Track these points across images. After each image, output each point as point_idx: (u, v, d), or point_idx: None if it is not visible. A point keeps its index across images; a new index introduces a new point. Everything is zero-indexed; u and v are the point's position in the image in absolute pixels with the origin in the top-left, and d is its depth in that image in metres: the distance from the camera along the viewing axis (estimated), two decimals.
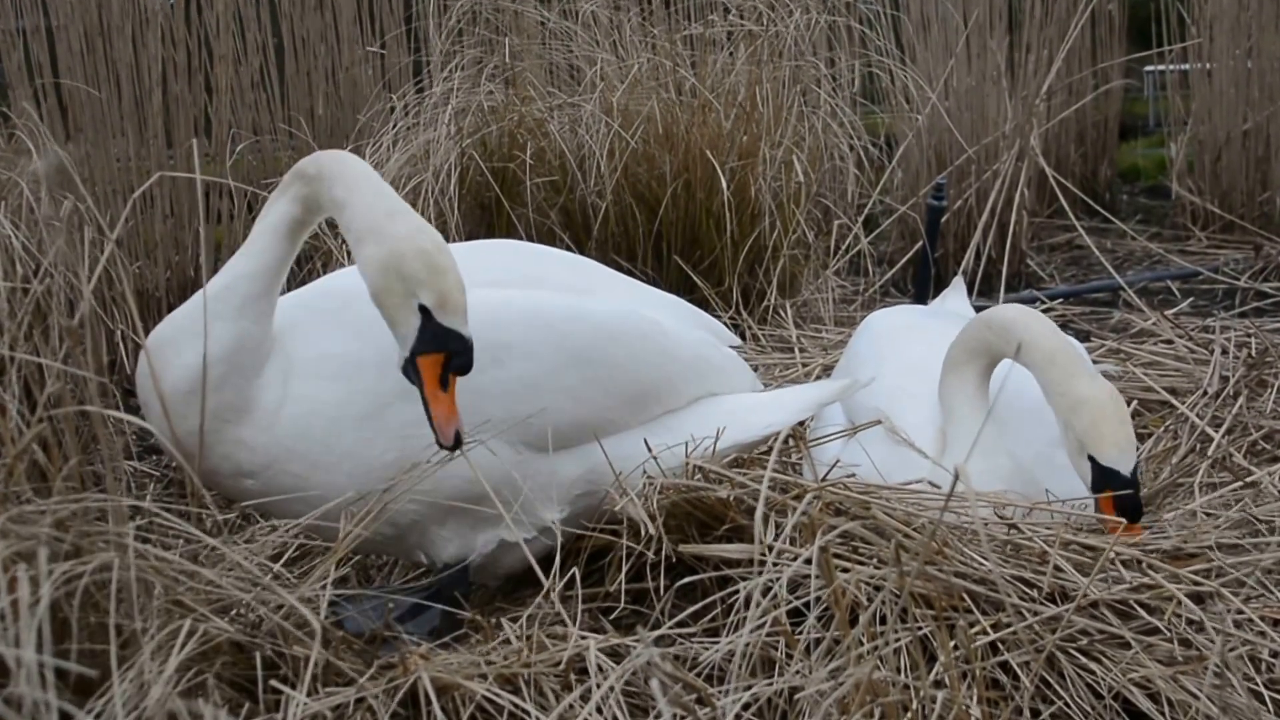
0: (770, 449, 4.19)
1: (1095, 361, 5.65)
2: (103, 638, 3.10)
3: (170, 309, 6.71)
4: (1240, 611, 3.71)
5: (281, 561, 4.18)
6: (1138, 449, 3.99)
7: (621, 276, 4.45)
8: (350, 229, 3.62)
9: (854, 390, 4.35)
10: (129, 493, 5.05)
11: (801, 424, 4.51)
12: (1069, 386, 4.08)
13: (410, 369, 3.58)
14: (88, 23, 7.02)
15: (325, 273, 5.26)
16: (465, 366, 3.58)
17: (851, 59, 7.67)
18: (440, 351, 3.56)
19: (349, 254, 6.23)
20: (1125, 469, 3.97)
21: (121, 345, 6.14)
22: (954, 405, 4.25)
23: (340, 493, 3.78)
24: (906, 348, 4.58)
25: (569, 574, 3.83)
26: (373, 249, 3.56)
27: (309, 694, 3.33)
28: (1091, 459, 4.00)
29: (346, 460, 3.80)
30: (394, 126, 6.80)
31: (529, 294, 4.01)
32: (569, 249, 6.48)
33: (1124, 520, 3.96)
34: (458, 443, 3.59)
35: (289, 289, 4.06)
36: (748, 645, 3.41)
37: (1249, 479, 4.56)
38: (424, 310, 3.54)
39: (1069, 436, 4.07)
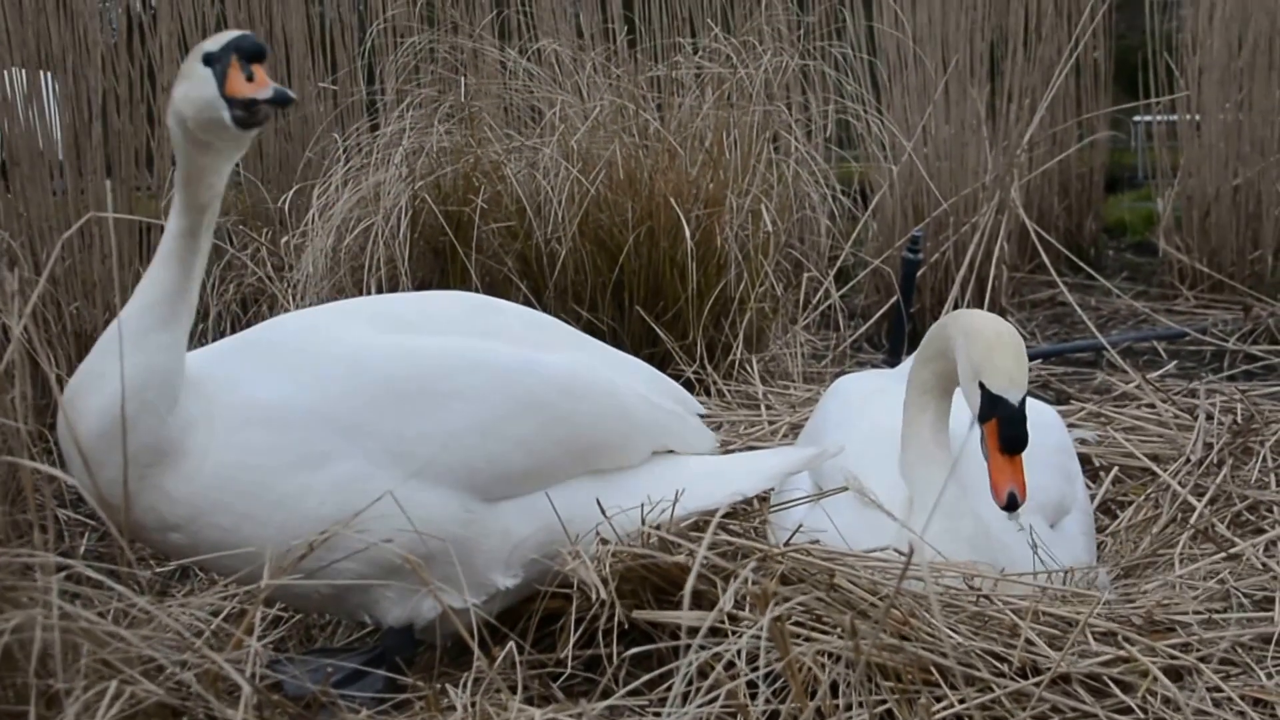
0: (732, 511, 4.20)
1: (1075, 425, 5.69)
2: (24, 699, 3.09)
3: None
4: (1218, 689, 3.72)
5: (220, 618, 4.18)
6: (1019, 384, 4.07)
7: (585, 337, 4.46)
8: None
9: (822, 460, 4.37)
10: (60, 542, 5.04)
11: None
12: (967, 320, 4.20)
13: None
14: (25, 53, 7.02)
15: (273, 315, 5.26)
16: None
17: (824, 104, 7.72)
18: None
19: (295, 298, 6.27)
20: (1013, 398, 4.04)
21: (57, 389, 6.13)
22: (913, 467, 4.29)
23: (275, 548, 3.76)
24: (876, 412, 4.61)
25: (517, 640, 3.83)
26: None
27: None
28: (982, 386, 4.08)
29: (278, 511, 3.75)
30: (344, 165, 6.82)
31: (481, 342, 4.04)
32: (526, 297, 6.50)
33: (1006, 460, 4.04)
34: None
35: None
36: (700, 719, 3.42)
37: (1232, 550, 4.58)
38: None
39: (962, 363, 4.15)
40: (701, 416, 4.51)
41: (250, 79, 3.60)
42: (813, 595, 3.72)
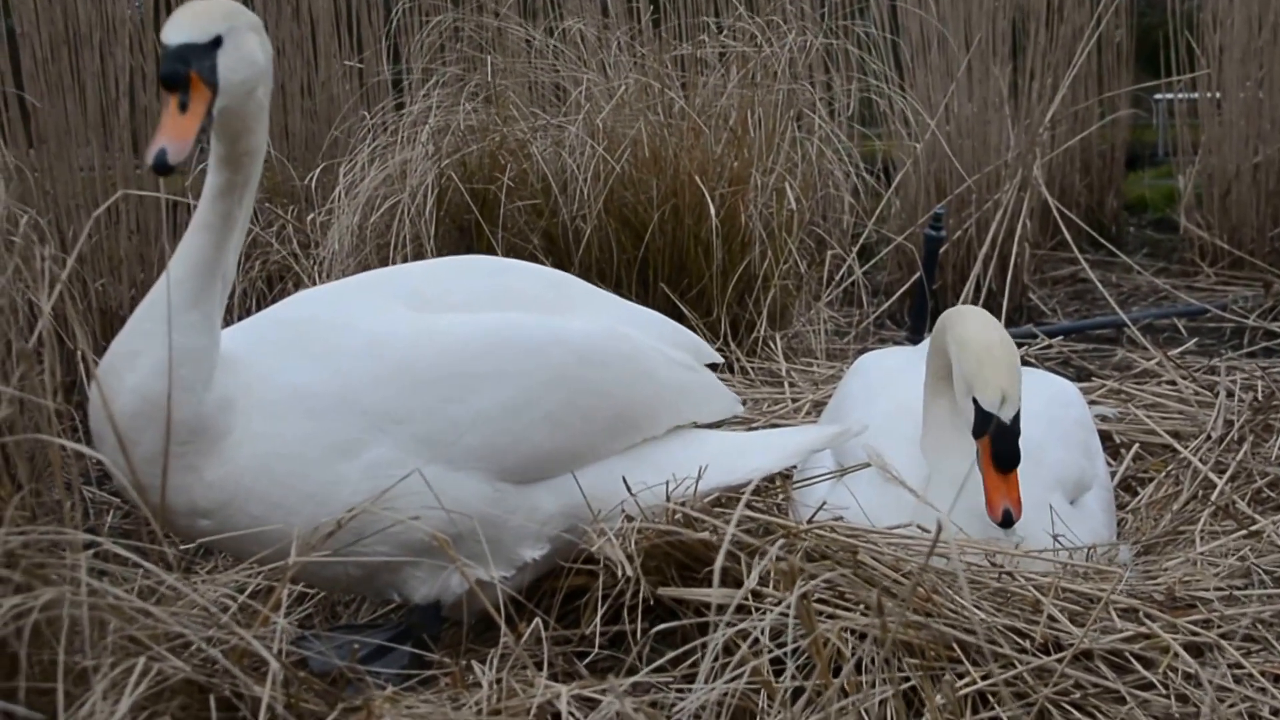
0: (755, 488, 4.19)
1: (1095, 402, 5.67)
2: (53, 675, 3.09)
3: None
4: (1239, 666, 3.71)
5: (245, 595, 4.17)
6: (1012, 400, 4.03)
7: (597, 290, 4.45)
8: None
9: (846, 438, 4.36)
10: (86, 520, 5.04)
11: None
12: (960, 330, 4.15)
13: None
14: (53, 31, 7.02)
15: (297, 291, 5.25)
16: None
17: (848, 83, 7.69)
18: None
19: (320, 275, 6.25)
20: (1006, 415, 4.01)
21: (81, 366, 6.14)
22: (932, 447, 4.27)
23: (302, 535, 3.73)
24: (898, 390, 4.59)
25: (542, 617, 3.82)
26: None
27: None
28: (975, 402, 4.04)
29: (310, 502, 3.73)
30: (370, 144, 6.80)
31: (503, 317, 4.01)
32: None
33: (1000, 477, 4.03)
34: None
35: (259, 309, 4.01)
36: (726, 695, 3.41)
37: (1252, 527, 4.56)
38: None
39: (956, 373, 4.13)
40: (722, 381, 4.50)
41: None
42: (839, 572, 3.70)
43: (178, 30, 3.53)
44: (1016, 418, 4.02)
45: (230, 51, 3.58)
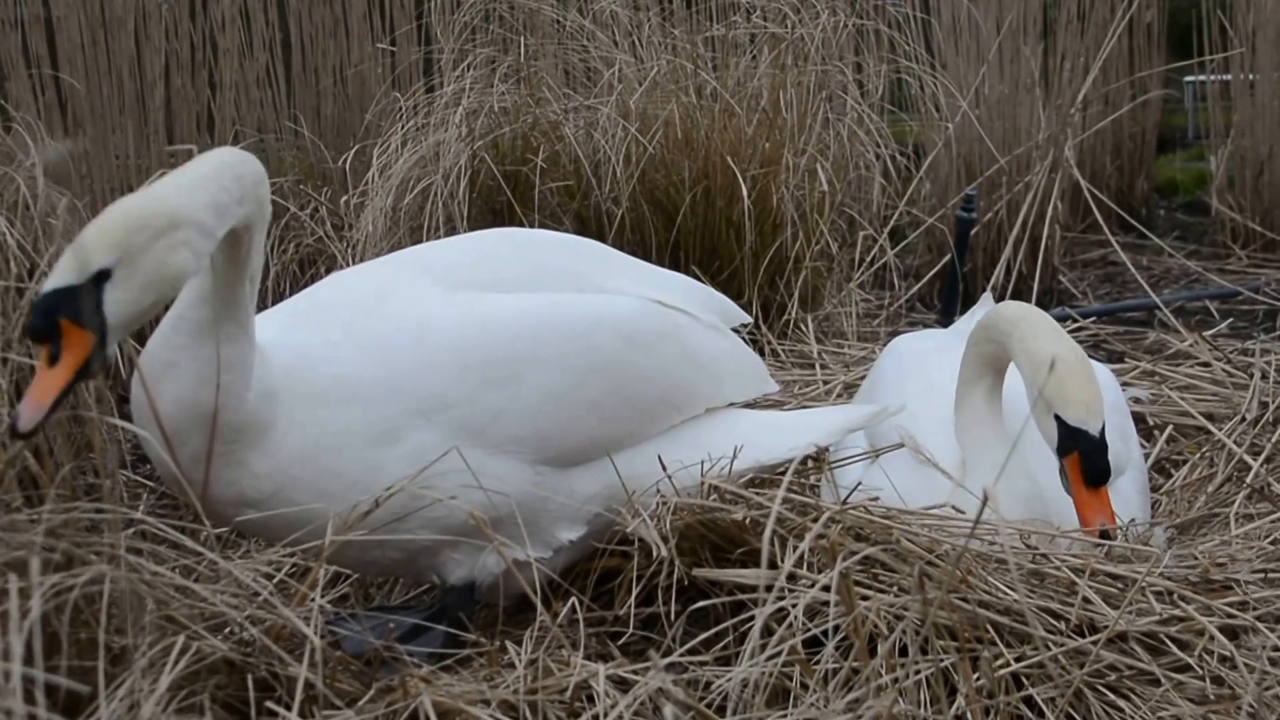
0: (787, 469, 4.18)
1: (1128, 384, 5.65)
2: (92, 654, 3.09)
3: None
4: (1276, 648, 3.69)
5: (281, 574, 4.17)
6: (1098, 413, 3.97)
7: (624, 255, 4.42)
8: None
9: (883, 418, 4.34)
10: (122, 503, 5.05)
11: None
12: (1032, 344, 4.07)
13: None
14: (89, 15, 7.03)
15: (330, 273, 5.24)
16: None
17: (879, 64, 7.67)
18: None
19: (354, 257, 6.25)
20: (1093, 429, 3.95)
21: (118, 350, 6.14)
22: (967, 429, 4.25)
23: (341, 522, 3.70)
24: (932, 372, 4.57)
25: (576, 598, 3.82)
26: None
27: (304, 716, 3.31)
28: (1058, 419, 3.99)
29: (353, 490, 3.69)
30: (403, 126, 6.80)
31: (546, 299, 3.99)
32: None
33: (1092, 494, 3.97)
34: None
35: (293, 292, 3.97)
36: (763, 674, 3.40)
37: None
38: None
39: (1029, 389, 4.06)
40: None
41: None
42: (881, 548, 3.68)
43: (53, 272, 3.12)
44: (1103, 430, 3.99)
45: (122, 283, 3.16)
